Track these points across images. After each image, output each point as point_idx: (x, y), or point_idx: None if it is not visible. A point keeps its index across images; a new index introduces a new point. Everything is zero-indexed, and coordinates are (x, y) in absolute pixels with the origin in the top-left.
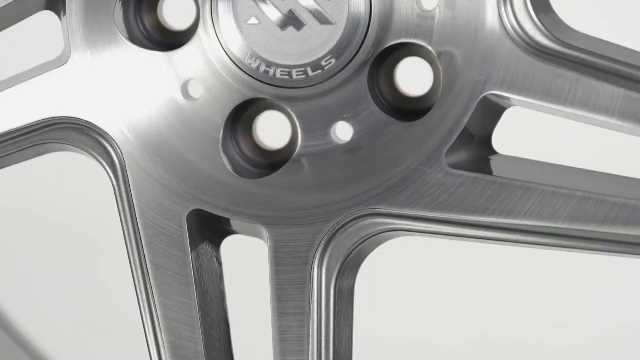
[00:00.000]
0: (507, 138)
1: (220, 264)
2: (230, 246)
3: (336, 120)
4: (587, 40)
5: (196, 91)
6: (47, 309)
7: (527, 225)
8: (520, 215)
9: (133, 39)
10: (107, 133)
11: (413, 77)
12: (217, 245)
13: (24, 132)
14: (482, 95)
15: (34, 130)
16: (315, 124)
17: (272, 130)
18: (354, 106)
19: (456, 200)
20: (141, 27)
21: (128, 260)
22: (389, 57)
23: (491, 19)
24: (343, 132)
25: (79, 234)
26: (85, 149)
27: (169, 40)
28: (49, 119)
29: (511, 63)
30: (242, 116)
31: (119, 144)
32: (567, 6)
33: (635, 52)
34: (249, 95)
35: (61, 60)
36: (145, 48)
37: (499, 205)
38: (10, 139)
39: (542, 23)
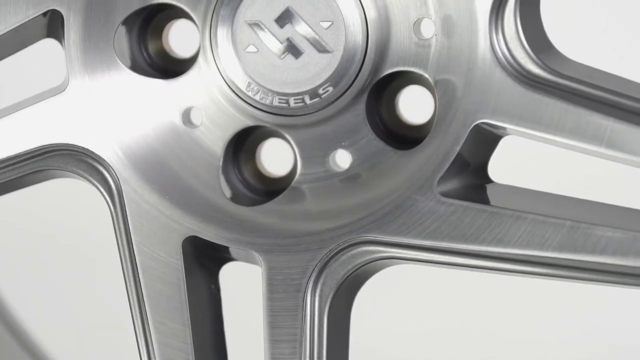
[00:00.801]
0: (512, 167)
1: (218, 290)
2: (227, 272)
3: (334, 148)
4: (580, 68)
5: (196, 118)
6: (54, 311)
7: (517, 254)
8: (510, 244)
9: (134, 67)
10: (103, 159)
11: (416, 105)
12: (214, 272)
13: (22, 158)
14: (474, 124)
15: (32, 157)
16: (314, 151)
17: (277, 157)
18: (351, 134)
19: (447, 229)
20: (145, 54)
21: (124, 283)
22: (388, 85)
23: (483, 46)
24: (341, 159)
25: (86, 240)
26: (83, 175)
27: (170, 68)
28: (47, 146)
29: (501, 92)
30: (245, 143)
31: (115, 170)
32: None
33: (629, 81)
34: (248, 122)
35: (60, 88)
36: (147, 75)
37: (489, 233)
38: (9, 166)
39: (533, 51)
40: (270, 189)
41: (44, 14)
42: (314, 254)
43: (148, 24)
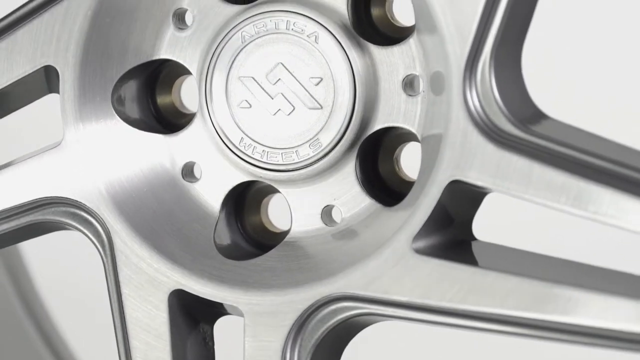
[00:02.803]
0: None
1: (212, 344)
2: (221, 325)
3: (324, 204)
4: (555, 126)
5: (193, 173)
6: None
7: (484, 313)
8: (479, 302)
9: (133, 121)
10: (95, 212)
11: (415, 162)
12: (208, 325)
13: (17, 211)
14: (449, 181)
15: (27, 210)
16: (305, 206)
17: (284, 211)
18: (342, 190)
19: (421, 286)
20: (152, 108)
21: (114, 334)
22: (381, 140)
23: (457, 103)
24: (331, 215)
25: None
26: (77, 227)
27: (176, 122)
28: (41, 199)
29: (473, 149)
30: (247, 197)
31: (107, 223)
32: None
33: (602, 139)
34: (243, 177)
35: (56, 142)
36: (146, 130)
37: (458, 291)
38: (5, 218)
39: (507, 107)
40: (273, 243)
41: (41, 69)
42: (296, 307)
43: (156, 79)
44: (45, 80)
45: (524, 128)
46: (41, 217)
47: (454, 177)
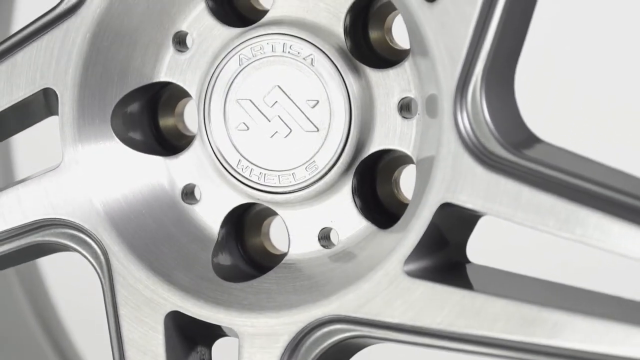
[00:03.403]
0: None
1: None
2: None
3: (322, 226)
4: (546, 149)
5: (192, 195)
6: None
7: (472, 335)
8: (467, 325)
9: (132, 143)
10: (93, 233)
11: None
12: (205, 346)
13: (17, 232)
14: (440, 204)
15: (27, 231)
16: (302, 228)
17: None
18: (339, 212)
19: (412, 309)
20: (154, 130)
21: (111, 354)
22: (377, 162)
23: (448, 125)
24: (329, 237)
25: None
26: (75, 249)
27: (178, 144)
28: (40, 221)
29: (463, 171)
30: (247, 219)
31: (105, 244)
32: None
33: (592, 161)
34: (241, 200)
35: (56, 163)
36: (145, 152)
37: (448, 314)
38: (5, 239)
39: (497, 130)
40: (272, 265)
41: (40, 92)
42: (290, 329)
43: (157, 101)
44: (45, 103)
45: (514, 151)
46: (40, 239)
47: (445, 200)
